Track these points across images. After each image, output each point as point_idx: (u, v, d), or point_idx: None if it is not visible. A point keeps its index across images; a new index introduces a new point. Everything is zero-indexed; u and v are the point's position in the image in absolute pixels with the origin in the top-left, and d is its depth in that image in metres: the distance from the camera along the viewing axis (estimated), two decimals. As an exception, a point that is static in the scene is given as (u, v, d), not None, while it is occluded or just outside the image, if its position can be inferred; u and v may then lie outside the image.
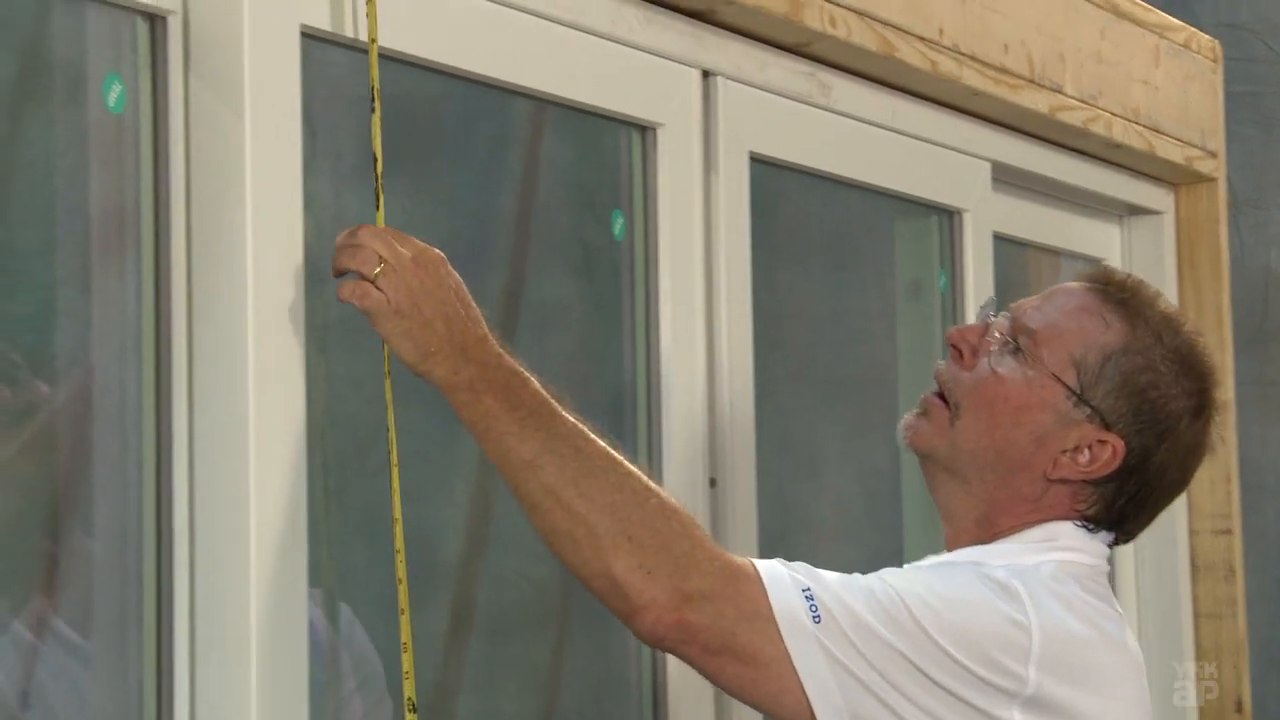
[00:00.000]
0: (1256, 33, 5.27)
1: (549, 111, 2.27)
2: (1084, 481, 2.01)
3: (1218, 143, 3.60)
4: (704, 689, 2.32)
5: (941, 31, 2.75)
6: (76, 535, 1.80)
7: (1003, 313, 2.07)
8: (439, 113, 2.19)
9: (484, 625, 2.27)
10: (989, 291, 2.98)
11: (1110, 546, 2.06)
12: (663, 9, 2.33)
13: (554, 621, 2.38)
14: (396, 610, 1.87)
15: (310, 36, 1.87)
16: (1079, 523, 2.02)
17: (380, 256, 1.78)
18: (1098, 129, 3.17)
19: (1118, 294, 2.04)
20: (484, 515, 2.26)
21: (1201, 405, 2.05)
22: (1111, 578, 3.49)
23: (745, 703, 1.87)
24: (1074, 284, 2.08)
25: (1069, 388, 1.99)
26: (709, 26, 2.41)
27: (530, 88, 2.17)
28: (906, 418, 2.08)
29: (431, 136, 2.20)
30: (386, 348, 1.83)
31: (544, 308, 2.35)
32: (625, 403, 2.36)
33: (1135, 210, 3.57)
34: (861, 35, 2.57)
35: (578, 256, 2.39)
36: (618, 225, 2.34)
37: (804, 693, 1.81)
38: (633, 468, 1.83)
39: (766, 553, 2.46)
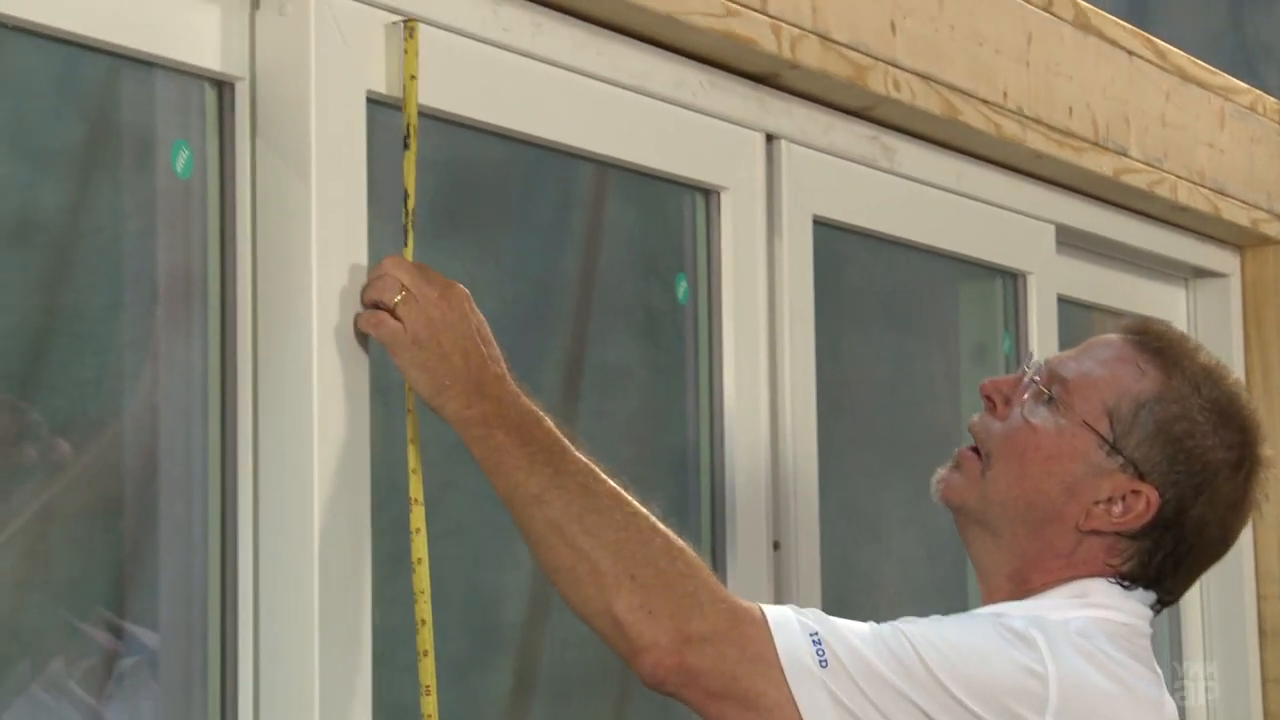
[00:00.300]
0: (1323, 95, 5.25)
1: (613, 175, 2.28)
2: (1118, 534, 1.97)
3: (1284, 205, 3.58)
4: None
5: (1005, 95, 2.74)
6: (142, 597, 1.81)
7: (1037, 363, 2.04)
8: (503, 177, 2.20)
9: (547, 687, 2.27)
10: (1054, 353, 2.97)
11: (1154, 609, 2.01)
12: (726, 73, 2.34)
13: (616, 684, 2.37)
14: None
15: (376, 102, 1.88)
16: (1113, 579, 1.98)
17: (402, 285, 1.78)
18: (1163, 192, 3.16)
19: (1154, 343, 2.00)
20: (548, 578, 2.26)
21: (1242, 458, 1.99)
22: (1178, 643, 3.48)
23: None
24: (1111, 335, 2.05)
25: (1101, 436, 1.96)
26: (772, 90, 2.41)
27: (594, 151, 2.18)
28: (939, 471, 2.05)
29: (496, 200, 2.21)
30: (408, 384, 1.83)
31: (607, 371, 2.36)
32: (689, 466, 2.36)
33: (1201, 273, 3.55)
34: (925, 99, 2.57)
35: (641, 320, 2.40)
36: (681, 289, 2.35)
37: None
38: (641, 508, 1.80)
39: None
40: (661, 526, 1.81)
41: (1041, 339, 2.94)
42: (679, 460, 2.37)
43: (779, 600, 2.37)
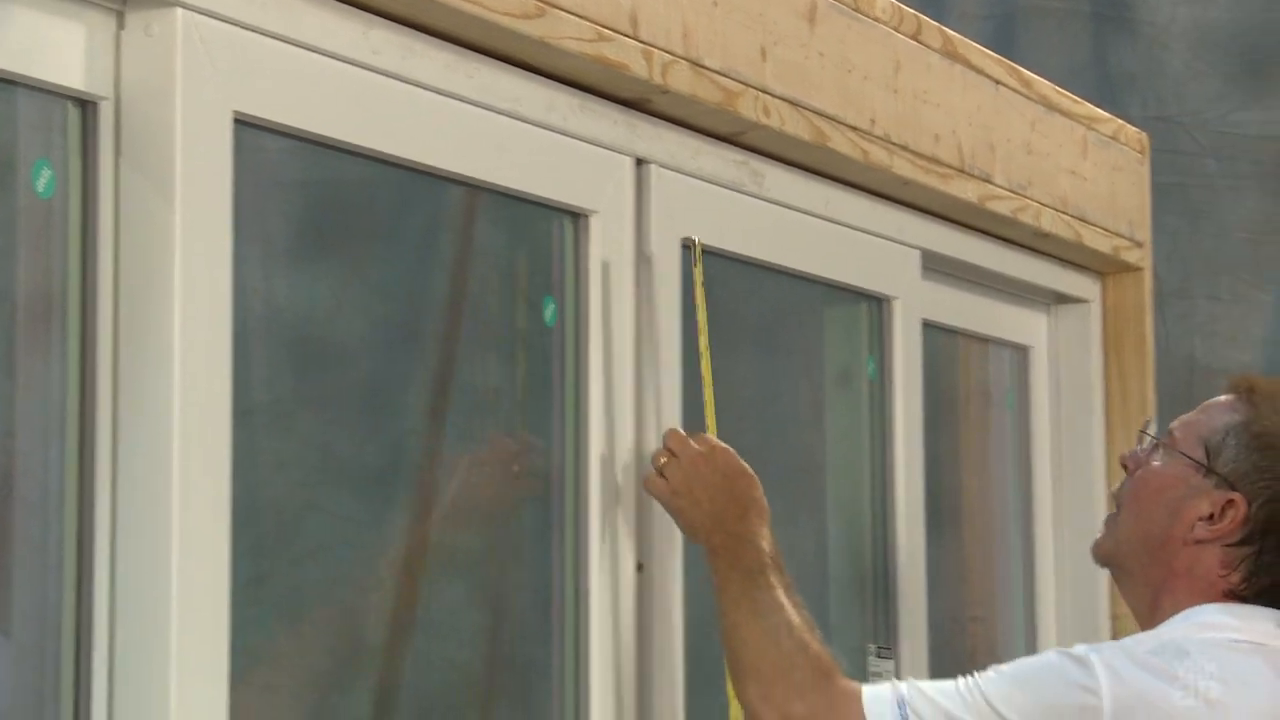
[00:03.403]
0: (1184, 126, 5.33)
1: (482, 198, 2.28)
2: (1225, 545, 2.24)
3: (1144, 233, 3.63)
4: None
5: (873, 121, 2.77)
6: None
7: (1153, 424, 2.39)
8: (372, 199, 2.19)
9: (408, 710, 2.26)
10: (917, 379, 3.00)
11: None
12: (596, 97, 2.34)
13: (478, 706, 2.37)
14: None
15: (243, 123, 1.86)
16: (1228, 602, 2.23)
17: (669, 451, 2.30)
18: (1026, 218, 3.20)
19: (1247, 387, 2.31)
20: (410, 600, 2.26)
21: None
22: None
23: None
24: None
25: (1197, 462, 2.27)
26: (643, 115, 2.42)
27: (463, 174, 2.18)
28: (1096, 538, 2.39)
29: (365, 222, 2.20)
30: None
31: (475, 392, 2.35)
32: (553, 488, 2.36)
33: (1062, 299, 3.59)
34: (794, 125, 2.59)
35: (509, 342, 2.39)
36: (549, 311, 2.35)
37: None
38: (791, 617, 2.21)
39: (694, 639, 2.46)
40: (800, 632, 2.20)
41: (906, 364, 2.97)
42: (543, 481, 2.37)
43: (641, 624, 2.38)
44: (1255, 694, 2.15)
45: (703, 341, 2.41)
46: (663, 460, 2.31)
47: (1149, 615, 2.29)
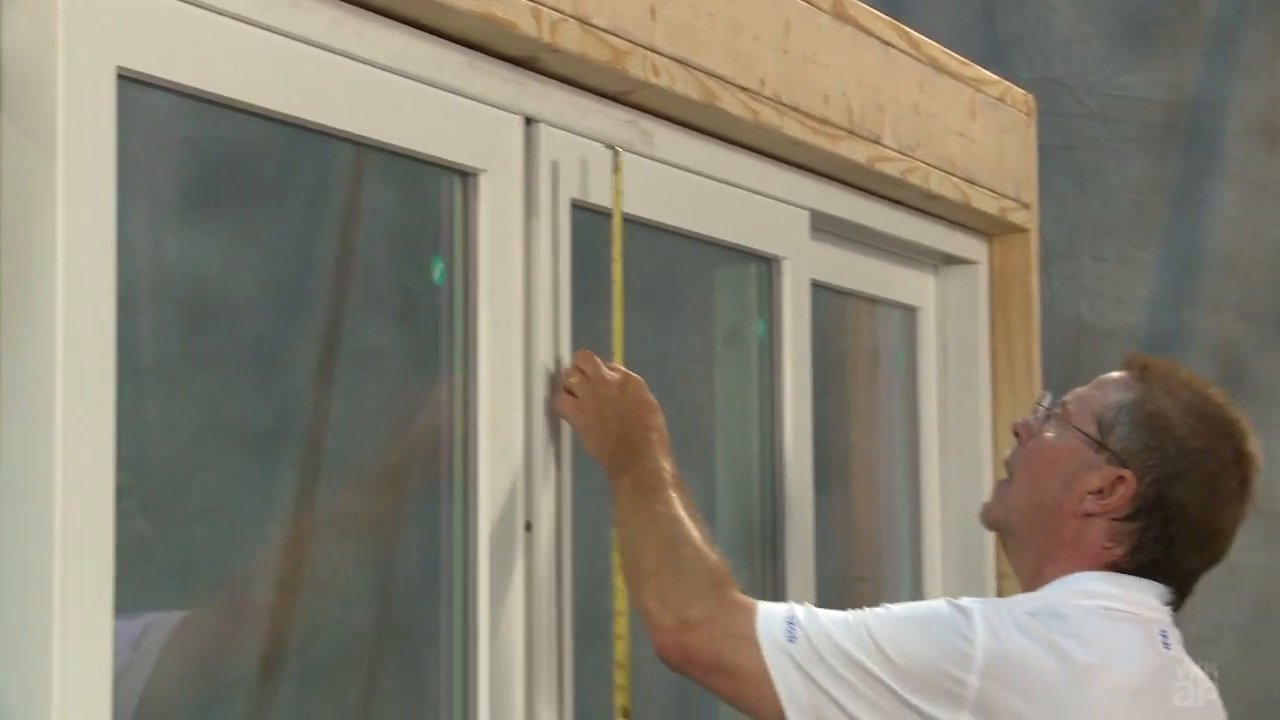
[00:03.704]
0: (1070, 88, 5.38)
1: (370, 156, 2.26)
2: (1113, 519, 2.31)
3: (1031, 194, 3.66)
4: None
5: (763, 82, 2.77)
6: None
7: (1049, 396, 2.43)
8: (259, 157, 2.17)
9: (295, 670, 2.26)
10: (806, 339, 3.01)
11: (1171, 607, 2.32)
12: (486, 56, 2.33)
13: (366, 667, 2.36)
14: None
15: (127, 78, 1.84)
16: (1108, 571, 2.30)
17: (579, 370, 2.38)
18: (915, 180, 3.22)
19: (1141, 364, 2.38)
20: (298, 560, 2.25)
21: (1214, 446, 2.32)
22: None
23: (740, 711, 2.26)
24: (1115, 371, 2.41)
25: (1090, 436, 2.33)
26: (532, 74, 2.41)
27: (351, 132, 2.16)
28: (985, 502, 2.47)
29: (252, 181, 2.18)
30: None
31: (363, 353, 2.34)
32: (442, 447, 2.36)
33: (950, 260, 3.61)
34: (684, 84, 2.59)
35: (397, 302, 2.38)
36: (438, 271, 2.34)
37: (777, 698, 2.17)
38: (688, 530, 2.28)
39: (582, 597, 2.47)
40: (698, 543, 2.27)
41: (795, 324, 2.98)
42: (432, 441, 2.36)
43: (530, 583, 2.38)
44: (1124, 661, 2.22)
45: (616, 248, 2.46)
46: (573, 380, 2.38)
47: (1031, 580, 2.36)
